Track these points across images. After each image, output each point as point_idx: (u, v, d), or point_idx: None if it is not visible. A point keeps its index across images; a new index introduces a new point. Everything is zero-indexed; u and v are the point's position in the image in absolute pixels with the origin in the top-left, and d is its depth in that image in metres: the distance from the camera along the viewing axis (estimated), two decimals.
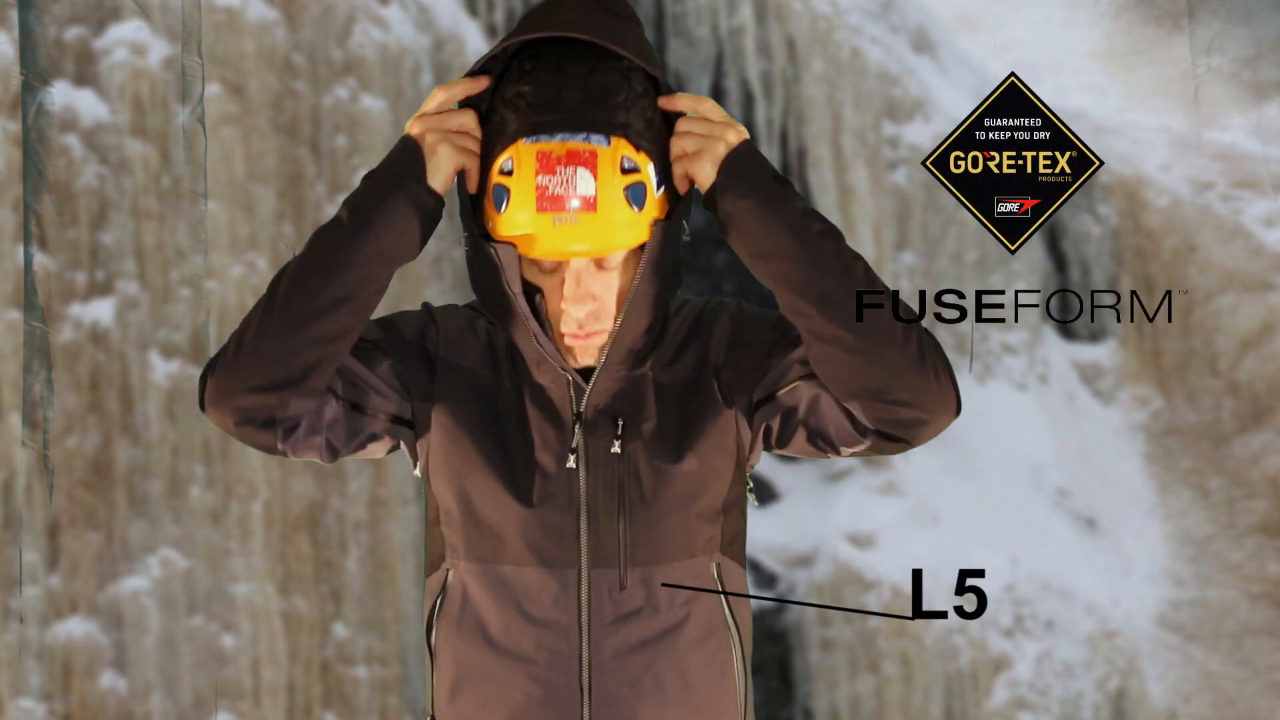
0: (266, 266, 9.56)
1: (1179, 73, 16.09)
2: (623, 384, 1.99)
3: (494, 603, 1.97)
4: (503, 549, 1.97)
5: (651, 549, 1.96)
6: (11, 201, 8.76)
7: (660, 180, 1.98)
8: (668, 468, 1.97)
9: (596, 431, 1.97)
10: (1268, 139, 16.20)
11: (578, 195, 1.88)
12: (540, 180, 1.89)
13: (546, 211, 1.89)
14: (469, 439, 1.98)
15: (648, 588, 1.95)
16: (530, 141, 1.91)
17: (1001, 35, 18.50)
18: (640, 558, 1.95)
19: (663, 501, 1.97)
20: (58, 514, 8.79)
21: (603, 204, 1.89)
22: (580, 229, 1.89)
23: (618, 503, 1.96)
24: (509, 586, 1.96)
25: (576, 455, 1.97)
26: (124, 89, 9.21)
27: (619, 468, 1.96)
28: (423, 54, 10.54)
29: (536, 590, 1.95)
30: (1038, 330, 15.01)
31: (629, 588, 1.95)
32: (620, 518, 1.96)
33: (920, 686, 12.55)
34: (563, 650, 1.94)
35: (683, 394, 2.00)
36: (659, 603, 1.96)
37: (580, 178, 1.89)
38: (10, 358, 8.53)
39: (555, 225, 1.89)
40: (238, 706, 9.08)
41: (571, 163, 1.89)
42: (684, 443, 1.98)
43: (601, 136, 1.91)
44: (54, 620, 8.71)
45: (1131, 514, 14.71)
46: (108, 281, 9.08)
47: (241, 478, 9.31)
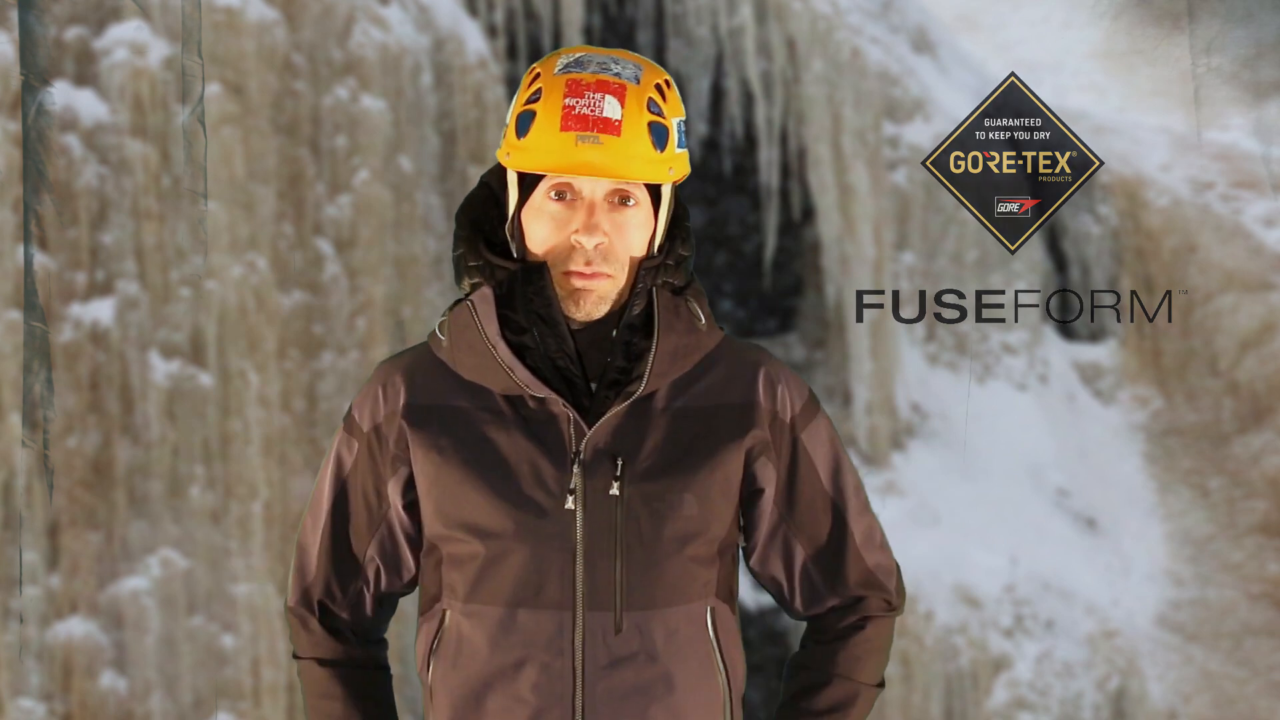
0: (266, 266, 9.56)
1: (1179, 73, 16.05)
2: (625, 417, 1.96)
3: (490, 644, 1.95)
4: (500, 591, 1.95)
5: (648, 593, 1.94)
6: (11, 201, 8.76)
7: (680, 144, 1.99)
8: (666, 510, 1.95)
9: (595, 473, 1.95)
10: (1268, 139, 16.18)
11: (603, 117, 1.90)
12: (568, 102, 1.90)
13: (571, 130, 1.90)
14: (463, 479, 1.96)
15: (643, 632, 1.94)
16: (562, 73, 1.93)
17: (1001, 35, 18.50)
18: (636, 602, 1.93)
19: (660, 544, 1.95)
20: (58, 514, 8.79)
21: (627, 130, 1.90)
22: (601, 149, 1.89)
23: (614, 545, 1.94)
24: (505, 628, 1.95)
25: (575, 496, 1.95)
26: (124, 89, 9.21)
27: (616, 510, 1.94)
28: (423, 54, 10.54)
29: (532, 632, 1.94)
30: (1038, 330, 15.01)
31: (624, 632, 1.93)
32: (617, 560, 1.94)
33: (920, 686, 12.55)
34: (558, 692, 1.93)
35: (692, 425, 1.98)
36: (654, 647, 1.94)
37: (608, 103, 1.90)
38: (10, 358, 8.53)
39: (578, 144, 1.90)
40: (238, 706, 9.08)
41: (601, 90, 1.91)
42: (685, 482, 1.96)
43: (631, 76, 1.94)
44: (54, 620, 8.71)
45: (1131, 514, 14.71)
46: (108, 281, 9.08)
47: (241, 478, 9.31)
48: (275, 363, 9.56)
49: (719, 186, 12.61)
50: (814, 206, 13.24)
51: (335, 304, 9.82)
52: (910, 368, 13.90)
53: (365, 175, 9.93)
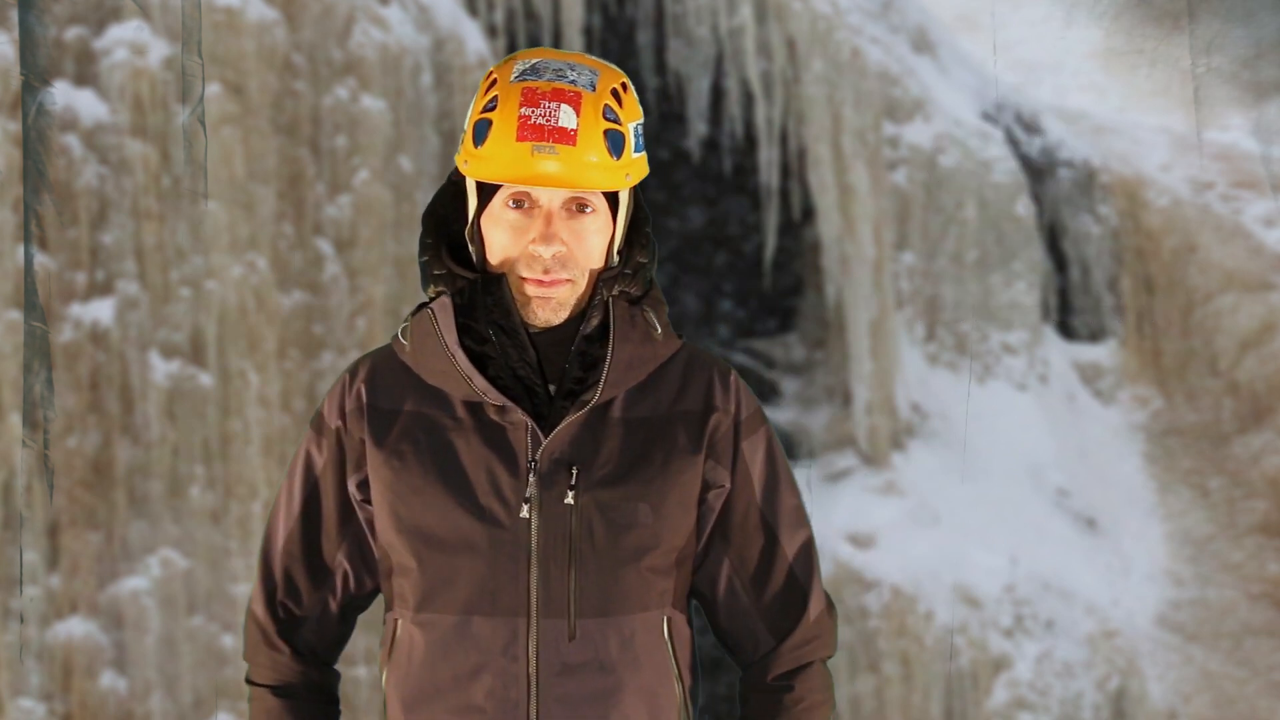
0: (266, 266, 9.57)
1: (1179, 73, 16.06)
2: (581, 426, 1.95)
3: (444, 652, 1.95)
4: (454, 598, 1.95)
5: (602, 601, 1.94)
6: (11, 201, 8.76)
7: (637, 149, 1.98)
8: (621, 520, 1.95)
9: (551, 482, 1.94)
10: (1268, 139, 16.18)
11: (558, 127, 1.90)
12: (523, 111, 1.91)
13: (526, 140, 1.90)
14: (421, 487, 1.96)
15: (597, 640, 1.93)
16: (518, 81, 1.94)
17: (1001, 35, 18.50)
18: (590, 609, 1.93)
19: (616, 553, 1.95)
20: (58, 514, 8.80)
21: (582, 139, 1.90)
22: (557, 159, 1.90)
23: (569, 553, 1.93)
24: (460, 635, 1.95)
25: (530, 505, 1.94)
26: (124, 89, 9.22)
27: (570, 518, 1.94)
28: (423, 54, 10.55)
29: (487, 639, 1.93)
30: (1038, 330, 15.01)
31: (578, 639, 1.93)
32: (571, 569, 1.93)
33: (920, 686, 12.55)
34: (513, 699, 1.93)
35: (648, 434, 1.97)
36: (608, 655, 1.94)
37: (563, 112, 1.90)
38: (10, 358, 8.53)
39: (533, 153, 1.90)
40: (238, 707, 9.08)
41: (556, 99, 1.91)
42: (641, 491, 1.95)
43: (587, 83, 1.94)
44: (54, 620, 8.71)
45: (1131, 514, 14.71)
46: (108, 281, 9.09)
47: (241, 478, 9.31)
48: (275, 363, 9.56)
49: (719, 186, 12.60)
50: (814, 206, 13.24)
51: (335, 304, 9.82)
52: (910, 368, 13.90)
53: (365, 175, 9.93)
